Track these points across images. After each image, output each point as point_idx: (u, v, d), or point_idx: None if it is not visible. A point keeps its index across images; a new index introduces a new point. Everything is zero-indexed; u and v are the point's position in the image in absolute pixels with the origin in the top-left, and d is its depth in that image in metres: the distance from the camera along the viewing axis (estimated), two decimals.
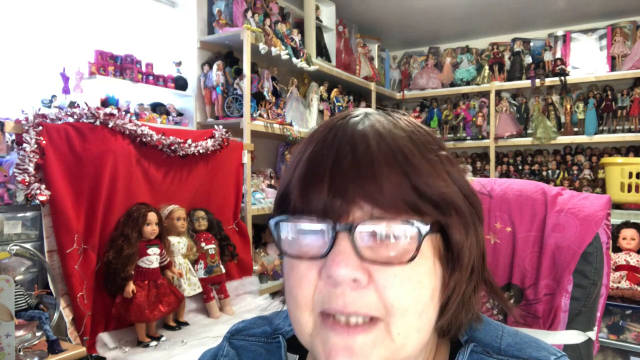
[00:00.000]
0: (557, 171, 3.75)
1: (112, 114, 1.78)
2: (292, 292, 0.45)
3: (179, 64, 2.52)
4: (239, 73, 2.57)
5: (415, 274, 0.42)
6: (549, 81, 3.68)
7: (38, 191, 1.53)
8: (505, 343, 0.49)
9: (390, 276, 0.41)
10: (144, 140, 1.88)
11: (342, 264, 0.40)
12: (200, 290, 1.97)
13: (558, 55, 3.76)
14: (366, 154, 0.42)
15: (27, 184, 1.51)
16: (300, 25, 3.22)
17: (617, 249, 2.46)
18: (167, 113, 2.43)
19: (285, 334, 0.58)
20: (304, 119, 3.05)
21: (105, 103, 2.13)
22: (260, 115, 2.58)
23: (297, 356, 0.56)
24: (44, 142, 1.57)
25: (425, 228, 0.41)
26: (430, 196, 0.42)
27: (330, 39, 3.43)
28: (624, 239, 2.45)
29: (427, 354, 0.49)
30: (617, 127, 3.52)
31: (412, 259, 0.41)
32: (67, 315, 1.58)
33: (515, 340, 0.50)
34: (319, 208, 0.42)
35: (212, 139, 2.19)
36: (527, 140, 3.77)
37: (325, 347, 0.42)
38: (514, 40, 3.96)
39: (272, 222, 0.46)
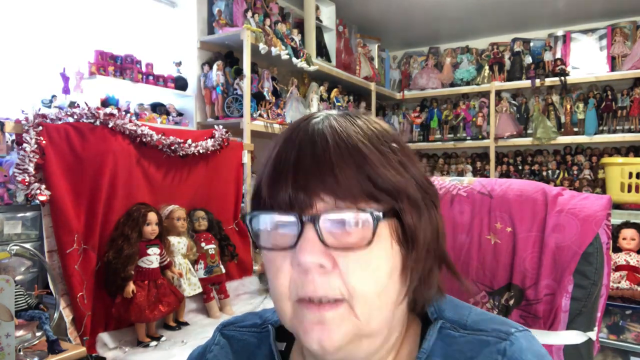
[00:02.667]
0: (557, 171, 3.75)
1: (112, 114, 1.78)
2: (272, 283, 0.49)
3: (179, 64, 2.52)
4: (239, 73, 2.57)
5: (374, 258, 0.46)
6: (549, 81, 3.68)
7: (38, 191, 1.53)
8: (472, 320, 0.53)
9: (351, 262, 0.46)
10: (144, 140, 1.88)
11: (308, 252, 0.45)
12: (200, 290, 1.97)
13: (558, 55, 3.76)
14: (325, 151, 0.46)
15: (27, 184, 1.51)
16: (300, 25, 3.22)
17: (617, 249, 2.46)
18: (167, 113, 2.43)
19: (274, 324, 0.61)
20: None
21: (105, 103, 2.13)
22: (260, 115, 2.58)
23: (285, 344, 0.60)
24: (44, 142, 1.57)
25: (379, 215, 0.45)
26: (383, 185, 0.46)
27: (330, 39, 3.43)
28: (624, 239, 2.44)
29: (399, 332, 0.54)
30: (617, 127, 3.52)
31: (370, 243, 0.45)
32: (67, 315, 1.58)
33: (482, 318, 0.53)
34: (285, 202, 0.47)
35: (212, 139, 2.19)
36: (527, 140, 3.77)
37: (301, 324, 0.47)
38: (514, 40, 3.97)
39: (246, 217, 0.51)
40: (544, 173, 3.80)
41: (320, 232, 0.45)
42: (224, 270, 2.12)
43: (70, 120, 1.71)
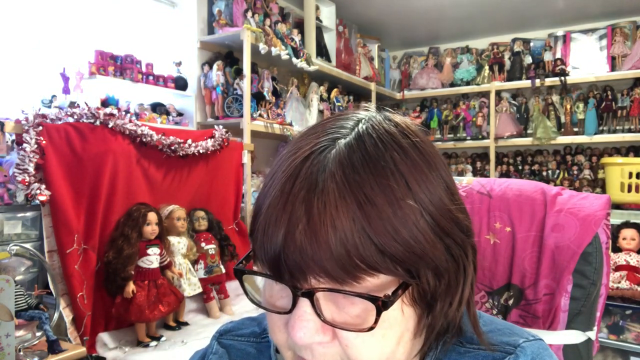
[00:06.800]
0: (557, 171, 3.75)
1: (112, 114, 1.78)
2: (270, 332, 0.46)
3: (179, 64, 2.52)
4: (239, 73, 2.57)
5: (379, 329, 0.40)
6: (549, 81, 3.67)
7: (38, 191, 1.53)
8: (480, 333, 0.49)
9: (352, 336, 0.40)
10: (144, 140, 1.88)
11: (301, 331, 0.40)
12: (200, 290, 1.97)
13: (558, 55, 3.76)
14: (320, 216, 0.38)
15: (27, 184, 1.51)
16: (300, 25, 3.22)
17: (617, 249, 2.46)
18: (167, 113, 2.43)
19: None
20: (304, 119, 3.04)
21: (105, 103, 2.13)
22: (260, 115, 2.58)
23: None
24: (44, 142, 1.57)
25: (386, 301, 0.39)
26: (394, 253, 0.39)
27: (330, 39, 3.43)
28: (624, 239, 2.44)
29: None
30: (617, 127, 3.52)
31: (371, 329, 0.39)
32: (67, 315, 1.58)
33: (489, 329, 0.50)
34: (278, 273, 0.41)
35: (212, 139, 2.19)
36: (527, 140, 3.77)
37: None
38: (514, 40, 3.96)
39: (238, 271, 0.45)
40: (544, 173, 3.79)
41: (317, 307, 0.40)
42: (224, 270, 2.12)
43: (70, 120, 1.71)
